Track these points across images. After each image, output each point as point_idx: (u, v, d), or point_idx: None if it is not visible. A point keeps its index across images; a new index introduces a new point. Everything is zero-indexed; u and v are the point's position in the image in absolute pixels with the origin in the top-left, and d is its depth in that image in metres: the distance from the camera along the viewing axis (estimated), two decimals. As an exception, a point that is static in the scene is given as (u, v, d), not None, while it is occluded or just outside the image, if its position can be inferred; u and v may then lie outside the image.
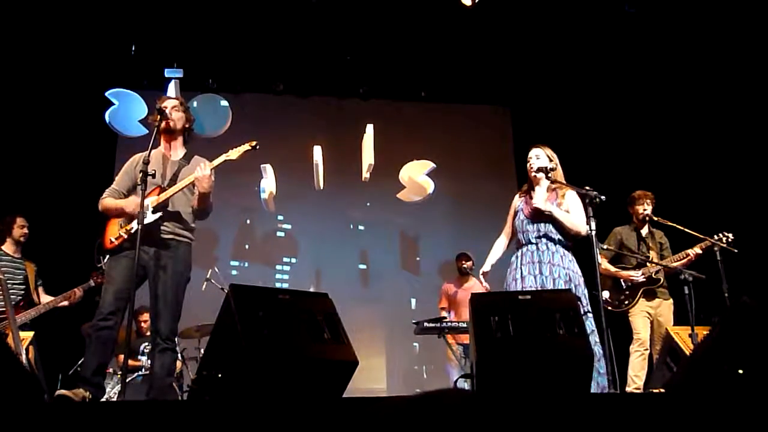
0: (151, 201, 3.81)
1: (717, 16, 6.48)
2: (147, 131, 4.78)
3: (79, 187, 6.55)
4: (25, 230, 5.36)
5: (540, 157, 4.38)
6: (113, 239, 3.85)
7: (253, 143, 4.00)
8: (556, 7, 6.91)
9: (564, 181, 4.34)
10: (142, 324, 6.29)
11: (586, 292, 4.11)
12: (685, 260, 5.39)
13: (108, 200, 3.97)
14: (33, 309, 5.07)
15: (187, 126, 4.13)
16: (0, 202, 5.81)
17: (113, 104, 7.14)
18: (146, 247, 3.76)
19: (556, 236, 4.20)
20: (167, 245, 3.84)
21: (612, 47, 7.30)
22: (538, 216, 4.23)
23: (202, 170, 3.81)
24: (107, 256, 3.86)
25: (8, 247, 5.31)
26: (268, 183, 7.28)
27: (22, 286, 5.20)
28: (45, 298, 5.27)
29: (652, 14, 6.76)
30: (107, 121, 7.11)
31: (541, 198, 4.28)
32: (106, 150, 7.45)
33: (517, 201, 4.45)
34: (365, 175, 7.54)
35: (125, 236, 3.81)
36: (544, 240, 4.19)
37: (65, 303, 5.19)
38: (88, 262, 3.95)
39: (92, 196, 4.14)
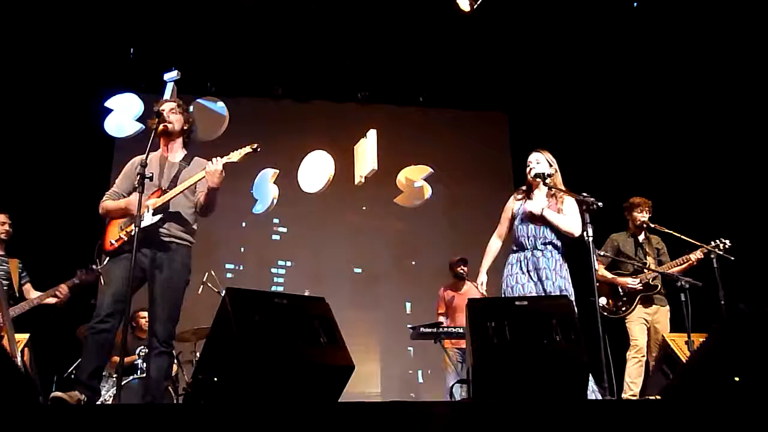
0: (151, 203, 3.80)
1: (713, 23, 6.51)
2: (144, 127, 4.77)
3: (77, 187, 6.55)
4: (7, 227, 5.29)
5: (540, 162, 4.37)
6: (113, 241, 3.84)
7: (254, 145, 3.95)
8: (554, 14, 6.93)
9: (563, 187, 4.35)
10: (141, 320, 6.17)
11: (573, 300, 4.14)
12: (686, 265, 5.38)
13: (108, 202, 3.97)
14: (18, 306, 4.98)
15: (186, 128, 4.12)
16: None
17: (110, 110, 7.15)
18: (145, 250, 3.75)
19: (556, 242, 4.24)
20: (167, 248, 3.83)
21: (609, 54, 7.33)
22: (531, 219, 4.25)
23: (213, 165, 3.79)
24: (107, 258, 3.85)
25: None
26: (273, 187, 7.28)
27: (6, 282, 5.11)
28: (33, 294, 5.20)
29: (648, 20, 6.78)
30: (105, 129, 7.13)
31: (538, 202, 4.29)
32: (103, 150, 7.44)
33: (514, 203, 4.45)
34: (358, 179, 7.53)
35: (125, 238, 3.79)
36: (543, 246, 4.22)
37: (52, 300, 5.11)
38: (86, 262, 3.93)
39: (90, 195, 4.14)
